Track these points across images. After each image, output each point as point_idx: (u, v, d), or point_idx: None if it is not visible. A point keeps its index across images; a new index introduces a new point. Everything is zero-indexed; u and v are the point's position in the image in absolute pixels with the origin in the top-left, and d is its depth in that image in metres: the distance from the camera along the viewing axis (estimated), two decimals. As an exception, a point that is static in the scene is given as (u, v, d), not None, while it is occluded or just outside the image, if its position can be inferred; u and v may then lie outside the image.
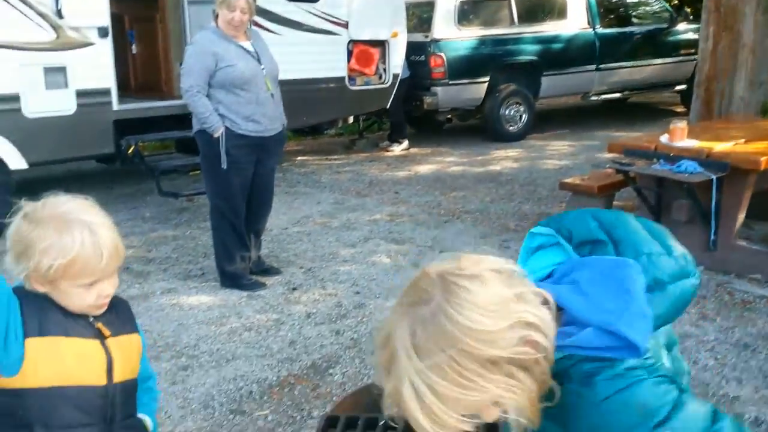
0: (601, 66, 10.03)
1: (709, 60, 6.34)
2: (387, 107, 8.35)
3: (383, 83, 8.10)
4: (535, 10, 9.66)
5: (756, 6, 6.11)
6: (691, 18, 10.83)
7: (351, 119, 9.03)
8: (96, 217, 1.45)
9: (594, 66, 9.97)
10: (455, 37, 8.96)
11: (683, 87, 10.69)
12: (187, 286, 4.64)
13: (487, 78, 9.17)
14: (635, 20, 10.74)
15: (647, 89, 11.02)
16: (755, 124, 5.56)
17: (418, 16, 9.17)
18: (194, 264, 5.04)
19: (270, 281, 4.65)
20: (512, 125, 9.52)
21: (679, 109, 11.02)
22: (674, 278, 1.17)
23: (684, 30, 10.70)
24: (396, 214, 6.22)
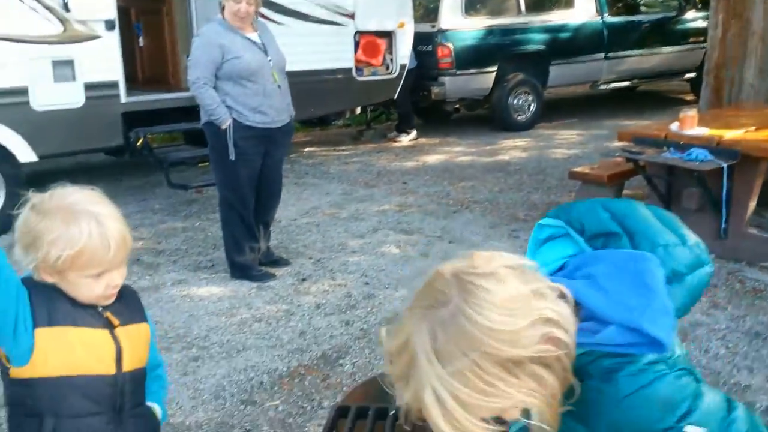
0: (610, 54, 9.96)
1: (719, 48, 6.29)
2: (394, 98, 8.32)
3: (390, 74, 8.07)
4: (543, -1, 9.62)
5: (765, -8, 6.07)
6: (700, 5, 10.73)
7: (358, 110, 9.00)
8: (103, 208, 1.46)
9: (602, 55, 9.90)
10: (462, 27, 8.90)
11: (693, 75, 10.61)
12: (197, 278, 4.65)
13: (495, 68, 9.11)
14: (644, 8, 10.67)
15: (656, 78, 10.93)
16: (765, 112, 5.51)
17: (425, 6, 9.12)
18: (204, 255, 5.05)
19: (279, 272, 4.66)
20: (520, 115, 9.47)
21: (689, 98, 10.94)
22: (691, 268, 1.15)
23: (693, 18, 10.63)
24: (404, 205, 6.21)
